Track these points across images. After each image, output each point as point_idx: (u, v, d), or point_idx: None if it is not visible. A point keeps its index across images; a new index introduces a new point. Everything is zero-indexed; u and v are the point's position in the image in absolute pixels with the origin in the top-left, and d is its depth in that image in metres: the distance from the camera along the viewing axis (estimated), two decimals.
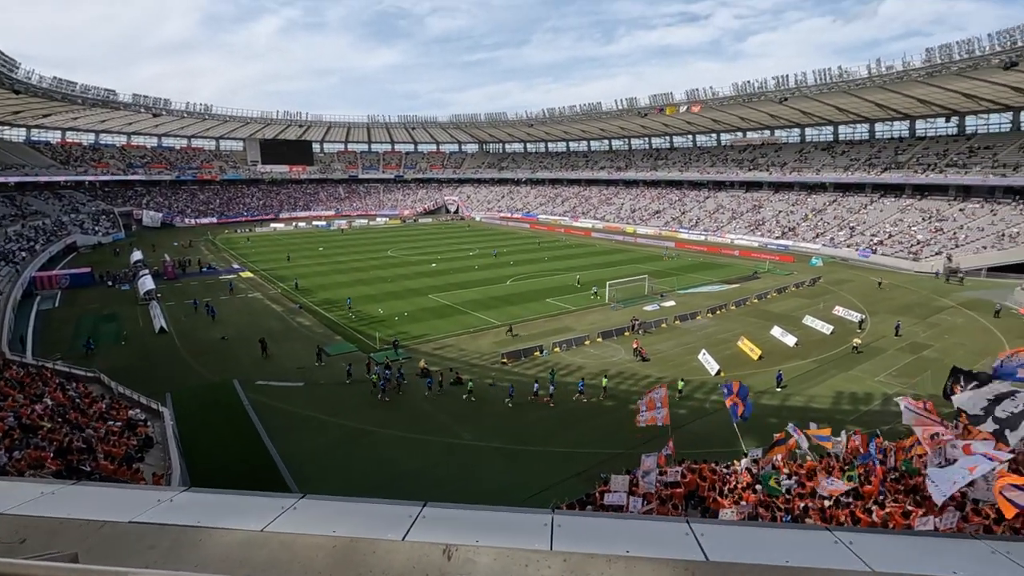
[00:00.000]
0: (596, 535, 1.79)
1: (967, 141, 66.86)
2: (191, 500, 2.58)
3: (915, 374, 26.92)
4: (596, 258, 62.02)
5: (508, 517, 1.98)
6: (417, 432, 21.55)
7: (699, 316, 37.63)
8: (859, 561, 1.46)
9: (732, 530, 1.82)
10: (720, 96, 75.74)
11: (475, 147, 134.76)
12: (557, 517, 1.91)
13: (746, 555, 1.48)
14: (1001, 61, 49.10)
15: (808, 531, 1.89)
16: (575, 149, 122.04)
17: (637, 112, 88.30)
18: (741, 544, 1.54)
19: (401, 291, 45.20)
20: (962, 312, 38.07)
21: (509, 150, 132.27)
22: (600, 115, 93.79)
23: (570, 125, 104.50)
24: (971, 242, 53.56)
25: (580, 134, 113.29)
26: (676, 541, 1.65)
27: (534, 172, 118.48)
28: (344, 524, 2.14)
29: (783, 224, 72.00)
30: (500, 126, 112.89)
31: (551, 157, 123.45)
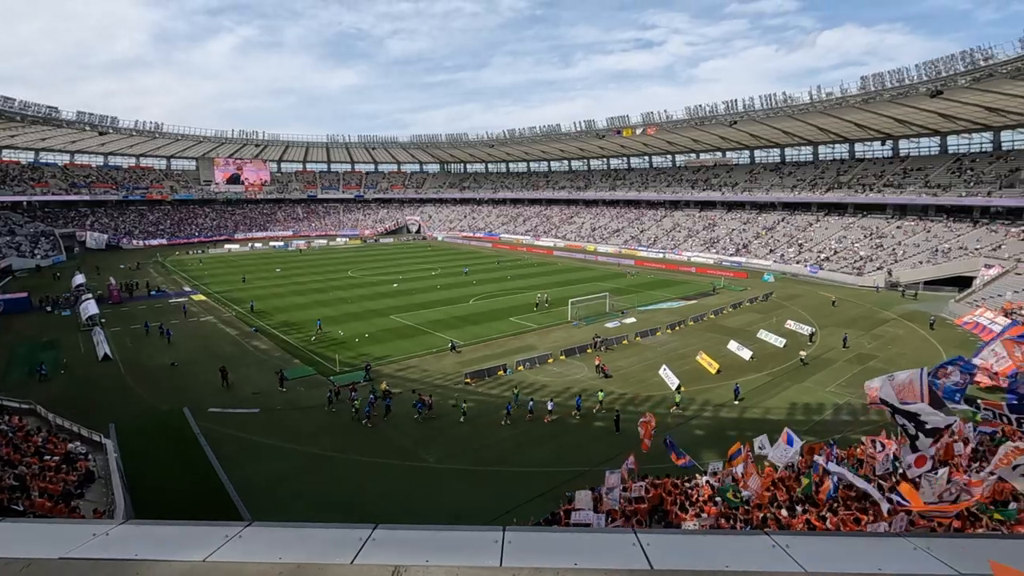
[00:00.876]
0: (546, 550, 1.80)
1: (901, 163, 71.26)
2: (129, 533, 2.44)
3: (862, 384, 28.09)
4: (558, 276, 62.66)
5: (459, 536, 1.97)
6: (379, 456, 21.05)
7: (659, 332, 38.37)
8: (794, 563, 1.53)
9: (676, 539, 1.86)
10: (674, 119, 78.56)
11: (437, 167, 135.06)
12: (508, 533, 1.91)
13: (689, 562, 1.52)
14: (928, 89, 52.80)
15: (747, 536, 1.95)
16: (536, 169, 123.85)
17: (595, 134, 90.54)
18: (684, 552, 1.58)
19: (362, 312, 44.45)
20: (903, 324, 40.13)
21: (471, 170, 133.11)
22: (559, 136, 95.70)
23: (530, 146, 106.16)
24: (908, 257, 56.76)
25: (540, 155, 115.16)
26: (623, 551, 1.68)
27: (496, 192, 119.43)
28: (291, 550, 2.07)
29: (736, 242, 74.63)
30: (461, 146, 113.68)
31: (512, 177, 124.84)
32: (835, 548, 1.76)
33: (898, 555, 1.64)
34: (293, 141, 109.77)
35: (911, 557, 1.63)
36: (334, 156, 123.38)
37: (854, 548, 1.74)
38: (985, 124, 62.82)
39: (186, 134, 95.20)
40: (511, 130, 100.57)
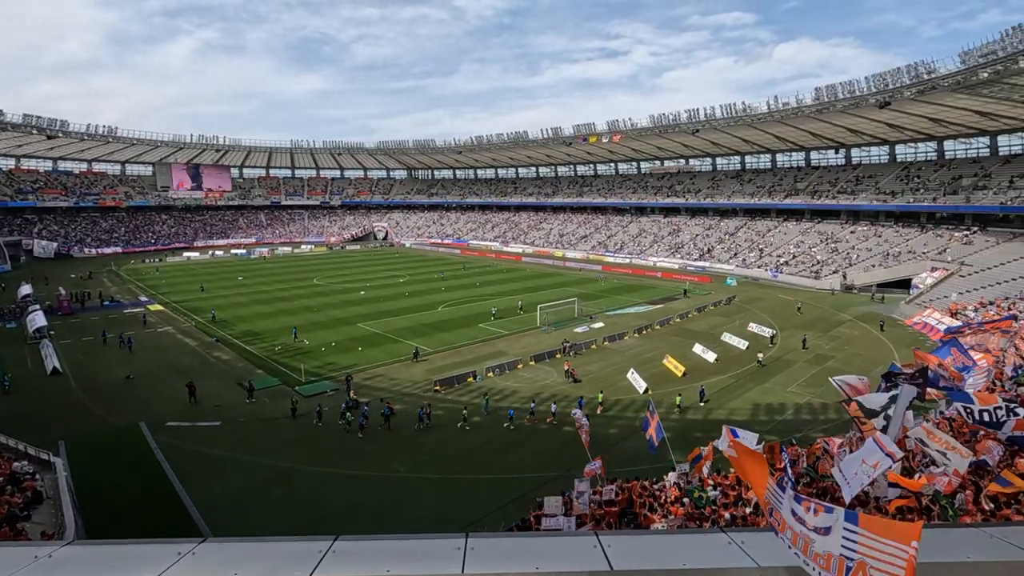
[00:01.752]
0: (507, 555, 1.80)
1: (854, 171, 74.32)
2: (75, 554, 2.32)
3: (821, 384, 29.03)
4: (527, 282, 62.86)
5: (421, 544, 1.94)
6: (348, 467, 20.64)
7: (627, 336, 38.88)
8: (749, 559, 1.58)
9: (637, 539, 1.89)
10: (639, 127, 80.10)
11: (404, 173, 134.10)
12: (471, 540, 1.90)
13: (648, 562, 1.55)
14: (877, 101, 55.31)
15: (705, 535, 2.00)
16: (504, 176, 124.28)
17: (562, 141, 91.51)
18: (644, 552, 1.61)
19: (328, 320, 43.64)
20: (857, 325, 41.71)
21: (439, 176, 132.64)
22: (527, 143, 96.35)
23: (498, 152, 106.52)
24: (862, 261, 59.13)
25: (508, 161, 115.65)
26: (585, 554, 1.70)
27: (464, 198, 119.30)
28: (247, 566, 2.01)
29: (700, 247, 76.38)
30: (429, 153, 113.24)
31: (481, 183, 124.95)
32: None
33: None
34: (255, 146, 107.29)
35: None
36: (298, 162, 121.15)
37: None
38: (929, 134, 66.13)
39: (142, 138, 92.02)
40: (479, 137, 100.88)
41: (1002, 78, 44.93)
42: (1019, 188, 53.10)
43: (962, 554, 1.64)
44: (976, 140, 64.41)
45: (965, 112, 55.86)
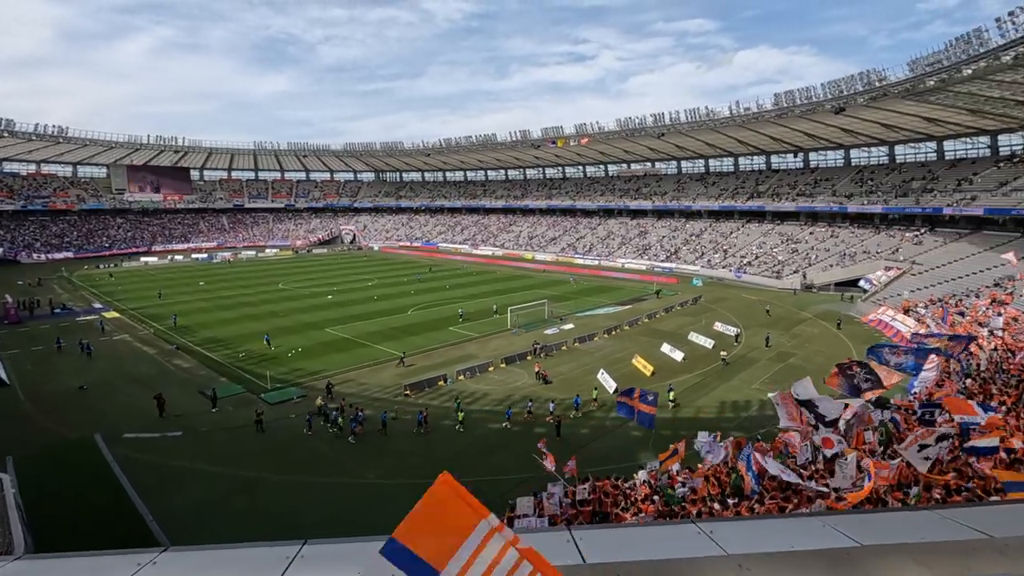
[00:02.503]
0: None
1: (812, 174, 76.93)
2: (25, 569, 2.20)
3: (784, 380, 29.84)
4: (497, 284, 62.88)
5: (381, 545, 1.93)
6: (317, 476, 20.22)
7: (596, 337, 39.27)
8: (717, 547, 1.62)
9: (609, 533, 1.92)
10: (606, 130, 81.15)
11: (372, 176, 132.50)
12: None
13: (620, 554, 1.57)
14: (832, 107, 57.41)
15: (676, 526, 2.05)
16: (473, 178, 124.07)
17: (531, 144, 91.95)
18: (616, 545, 1.63)
19: (295, 325, 42.73)
20: (817, 323, 43.13)
21: (407, 179, 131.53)
22: (496, 146, 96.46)
23: (467, 155, 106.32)
24: (820, 261, 61.21)
25: (477, 164, 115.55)
26: (557, 549, 1.71)
27: (433, 200, 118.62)
28: (214, 574, 1.95)
29: (667, 248, 77.80)
30: (397, 155, 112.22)
31: (450, 186, 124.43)
32: (753, 531, 1.88)
33: (808, 532, 1.78)
34: (217, 148, 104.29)
35: (820, 533, 1.78)
36: (262, 164, 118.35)
37: (770, 529, 1.87)
38: (882, 139, 68.98)
39: (95, 139, 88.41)
40: (447, 139, 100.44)
41: (947, 86, 47.22)
42: (963, 191, 55.86)
43: (916, 535, 1.73)
44: (924, 145, 67.48)
45: (914, 118, 58.47)
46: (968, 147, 63.81)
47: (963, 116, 55.52)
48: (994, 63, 40.67)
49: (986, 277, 42.22)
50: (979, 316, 34.42)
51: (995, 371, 24.74)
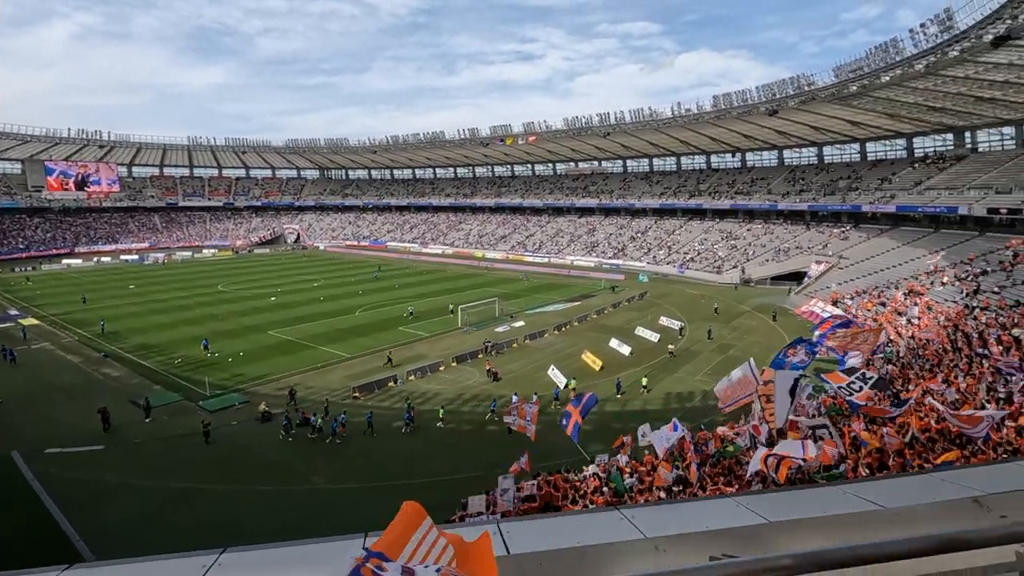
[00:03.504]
0: None
1: (748, 173, 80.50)
2: None
3: (724, 371, 31.10)
4: (448, 283, 62.49)
5: (316, 548, 1.89)
6: (262, 483, 19.51)
7: (547, 334, 39.71)
8: (637, 531, 1.69)
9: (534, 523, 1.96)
10: (553, 129, 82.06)
11: (316, 173, 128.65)
12: (370, 539, 1.88)
13: (545, 543, 1.61)
14: (766, 109, 60.26)
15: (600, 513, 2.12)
16: (421, 176, 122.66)
17: (479, 142, 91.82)
18: (541, 534, 1.68)
19: (236, 329, 41.01)
20: (755, 316, 45.22)
21: (353, 176, 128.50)
22: (444, 144, 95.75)
23: (415, 153, 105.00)
24: (757, 256, 64.17)
25: (425, 161, 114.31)
26: None
27: (381, 199, 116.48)
28: None
29: (614, 245, 79.53)
30: (342, 152, 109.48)
31: (398, 184, 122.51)
32: (672, 514, 1.98)
33: (722, 512, 1.90)
34: (147, 142, 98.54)
35: (734, 512, 1.89)
36: (198, 160, 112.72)
37: (688, 511, 1.98)
38: (811, 140, 72.98)
39: (8, 132, 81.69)
40: (395, 136, 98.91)
41: (868, 91, 50.47)
42: (884, 190, 59.88)
43: (820, 510, 1.87)
44: (849, 146, 71.90)
45: (840, 121, 62.17)
46: (887, 149, 68.45)
47: (883, 120, 59.48)
48: (909, 71, 43.79)
49: (904, 270, 45.46)
50: (898, 306, 37.02)
51: (912, 357, 26.70)
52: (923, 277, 41.30)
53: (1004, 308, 29.25)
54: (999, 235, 44.00)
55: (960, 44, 37.88)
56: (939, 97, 49.17)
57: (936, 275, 40.50)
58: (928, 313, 33.24)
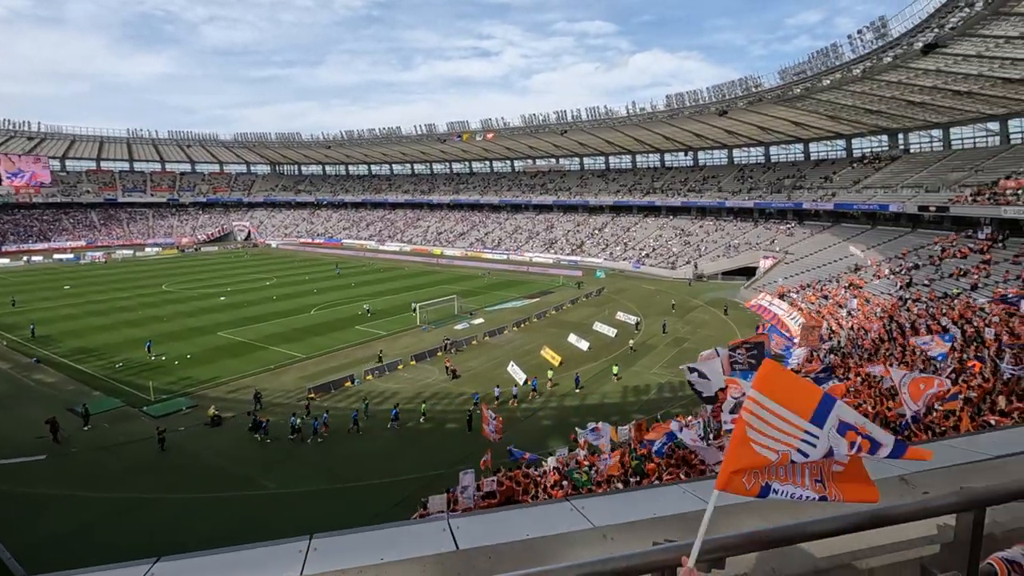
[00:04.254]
0: (353, 550, 1.77)
1: (700, 172, 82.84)
2: None
3: (679, 363, 32.00)
4: (406, 281, 61.74)
5: (259, 552, 1.83)
6: (211, 490, 18.79)
7: (506, 331, 39.81)
8: (587, 521, 1.72)
9: (485, 518, 1.97)
10: (511, 126, 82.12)
11: (267, 168, 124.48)
12: (315, 541, 1.84)
13: (493, 538, 1.62)
14: (717, 109, 62.12)
15: (550, 504, 2.15)
16: (378, 172, 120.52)
17: (436, 138, 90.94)
18: (490, 529, 1.68)
19: (182, 331, 39.29)
20: (708, 310, 46.65)
21: (307, 172, 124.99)
22: (400, 139, 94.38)
23: (371, 148, 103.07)
24: (709, 252, 66.19)
25: (382, 157, 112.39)
26: (433, 539, 1.73)
27: (336, 195, 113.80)
28: None
29: (572, 242, 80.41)
30: (295, 147, 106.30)
31: (353, 180, 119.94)
32: (622, 504, 2.02)
33: (669, 499, 1.96)
34: (82, 135, 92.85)
35: (680, 499, 1.96)
36: (139, 154, 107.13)
37: (636, 500, 2.03)
38: (759, 140, 75.74)
39: None
40: (349, 131, 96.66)
41: (811, 94, 52.74)
42: (826, 188, 62.77)
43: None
44: (794, 146, 74.99)
45: (785, 122, 64.74)
46: (829, 149, 71.76)
47: (824, 121, 62.31)
48: (847, 75, 46.01)
49: (844, 264, 47.83)
50: (839, 299, 38.94)
51: (852, 347, 28.14)
52: (860, 271, 43.58)
53: (933, 299, 31.22)
54: (929, 231, 46.89)
55: (893, 51, 40.06)
56: (875, 100, 51.88)
57: (865, 270, 42.81)
58: (866, 305, 35.11)
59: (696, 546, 1.24)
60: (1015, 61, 36.82)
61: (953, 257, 38.01)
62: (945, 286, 33.39)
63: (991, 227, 39.41)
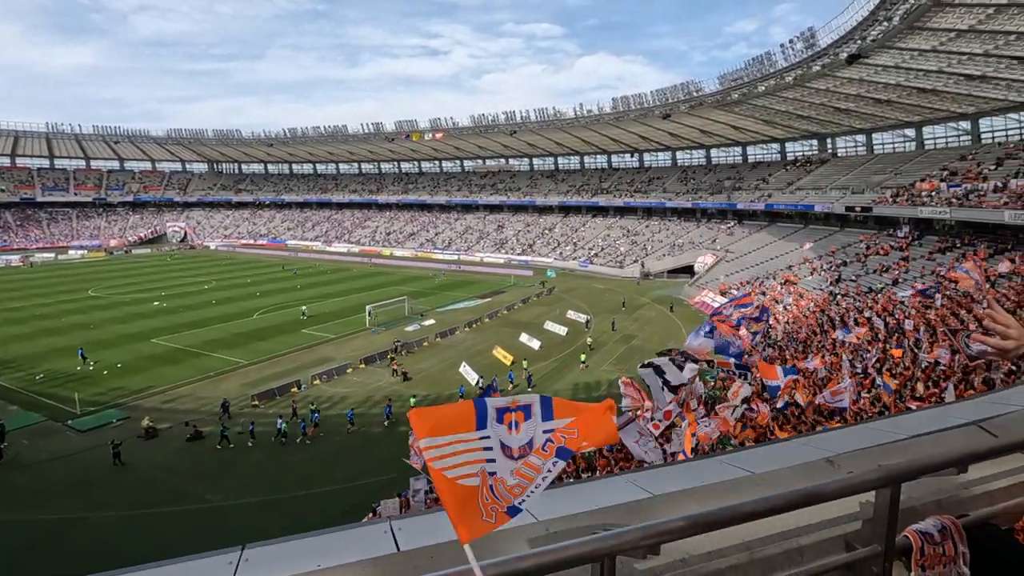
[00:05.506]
0: (287, 559, 1.71)
1: (646, 173, 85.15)
2: None
3: (628, 360, 32.81)
4: (354, 282, 60.38)
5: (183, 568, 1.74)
6: (148, 506, 17.73)
7: (458, 331, 39.60)
8: (530, 516, 1.73)
9: (428, 518, 1.94)
10: (460, 126, 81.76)
11: (204, 167, 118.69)
12: (247, 551, 1.76)
13: (437, 537, 1.60)
14: (661, 112, 64.04)
15: None
16: (323, 171, 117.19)
17: (384, 137, 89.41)
18: (434, 529, 1.66)
19: (112, 338, 36.95)
20: (654, 307, 48.00)
21: (247, 171, 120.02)
22: (347, 138, 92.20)
23: (316, 147, 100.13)
24: (655, 251, 68.15)
25: (328, 156, 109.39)
26: (373, 541, 1.69)
27: (279, 195, 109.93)
28: None
29: (523, 242, 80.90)
30: (234, 144, 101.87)
31: (297, 179, 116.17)
32: (566, 496, 2.05)
33: (613, 490, 2.00)
34: None
35: (623, 489, 2.00)
36: (60, 150, 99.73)
37: (581, 492, 2.06)
38: (700, 143, 78.60)
39: None
40: (293, 129, 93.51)
41: (748, 99, 55.21)
42: (762, 190, 65.86)
43: (698, 480, 2.02)
44: (733, 149, 78.25)
45: (724, 125, 67.47)
46: (765, 152, 75.29)
47: (760, 125, 65.35)
48: (780, 82, 48.45)
49: (780, 262, 50.32)
50: (775, 295, 40.93)
51: (788, 340, 29.62)
52: (796, 268, 45.99)
53: (860, 294, 33.30)
54: (855, 230, 50.01)
55: (821, 60, 42.48)
56: (806, 106, 54.86)
57: (799, 267, 45.25)
58: (800, 300, 37.08)
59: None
60: (927, 72, 39.80)
61: (876, 254, 40.67)
62: (870, 281, 35.69)
63: (909, 226, 42.43)
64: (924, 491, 2.05)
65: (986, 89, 40.48)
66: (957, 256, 33.24)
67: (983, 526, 1.88)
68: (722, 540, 1.64)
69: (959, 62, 36.83)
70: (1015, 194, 32.47)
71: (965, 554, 1.72)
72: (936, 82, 41.29)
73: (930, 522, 1.77)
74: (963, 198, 36.68)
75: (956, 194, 37.67)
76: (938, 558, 1.69)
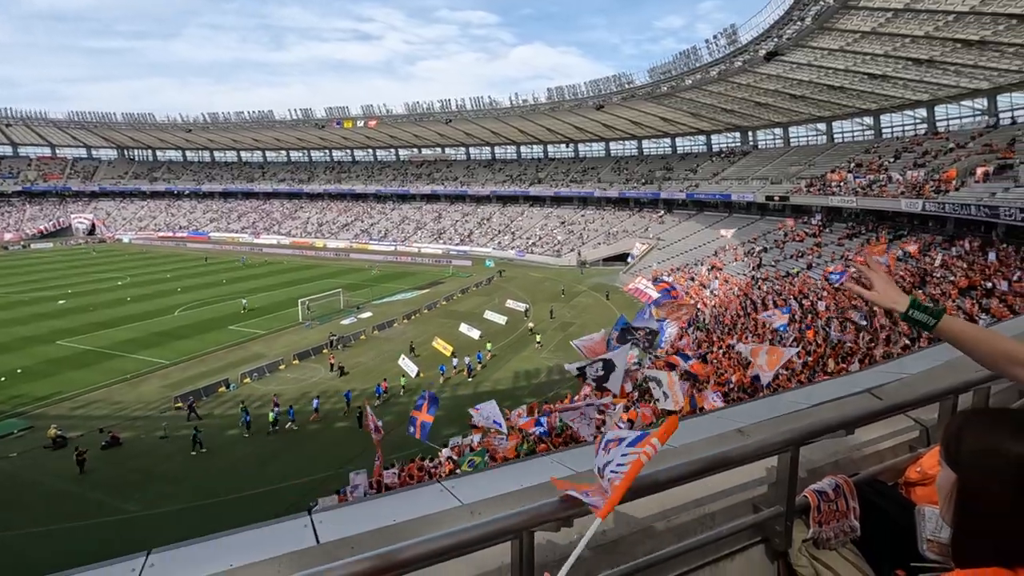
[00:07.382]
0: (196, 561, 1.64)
1: (581, 163, 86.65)
2: None
3: (567, 347, 33.49)
4: (285, 276, 57.98)
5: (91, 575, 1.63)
6: (56, 521, 16.38)
7: (396, 323, 38.96)
8: (456, 500, 1.74)
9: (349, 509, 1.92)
10: (394, 114, 79.83)
11: (114, 153, 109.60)
12: (152, 557, 1.67)
13: (358, 527, 1.57)
14: (594, 103, 65.21)
15: (420, 488, 2.15)
16: (248, 159, 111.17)
17: (314, 124, 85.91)
18: (355, 519, 1.64)
19: (9, 341, 33.71)
20: (591, 295, 49.16)
21: (163, 158, 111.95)
22: (273, 124, 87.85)
23: (240, 133, 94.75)
24: (591, 240, 69.68)
25: (253, 143, 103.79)
26: (292, 537, 1.65)
27: (200, 184, 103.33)
28: None
29: (461, 232, 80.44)
30: (147, 129, 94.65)
31: (220, 167, 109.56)
32: (490, 481, 2.08)
33: (539, 470, 2.05)
34: None
35: (549, 469, 2.06)
36: None
37: (508, 474, 2.10)
38: (632, 134, 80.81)
39: None
40: (214, 114, 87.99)
41: (676, 92, 57.22)
42: (690, 180, 68.71)
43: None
44: (663, 141, 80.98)
45: (655, 117, 69.65)
46: (693, 144, 78.45)
47: (688, 118, 67.98)
48: (706, 76, 50.49)
49: (707, 249, 52.79)
50: (703, 280, 42.93)
51: (715, 323, 31.20)
52: (721, 254, 48.40)
53: (779, 278, 35.53)
54: (775, 218, 53.18)
55: (743, 56, 44.61)
56: (729, 100, 57.55)
57: (725, 253, 47.73)
58: (725, 285, 39.10)
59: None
60: (836, 71, 42.73)
61: (793, 241, 43.48)
62: (788, 266, 38.14)
63: (821, 214, 45.62)
64: (823, 454, 2.23)
65: (887, 88, 44.00)
66: (863, 241, 36.11)
67: (871, 482, 2.07)
68: (639, 508, 1.71)
69: (863, 62, 39.76)
70: (910, 184, 35.61)
71: (855, 508, 1.89)
72: (844, 80, 44.42)
73: (826, 481, 1.93)
74: (867, 188, 39.83)
75: (861, 184, 40.84)
76: (832, 514, 1.85)
